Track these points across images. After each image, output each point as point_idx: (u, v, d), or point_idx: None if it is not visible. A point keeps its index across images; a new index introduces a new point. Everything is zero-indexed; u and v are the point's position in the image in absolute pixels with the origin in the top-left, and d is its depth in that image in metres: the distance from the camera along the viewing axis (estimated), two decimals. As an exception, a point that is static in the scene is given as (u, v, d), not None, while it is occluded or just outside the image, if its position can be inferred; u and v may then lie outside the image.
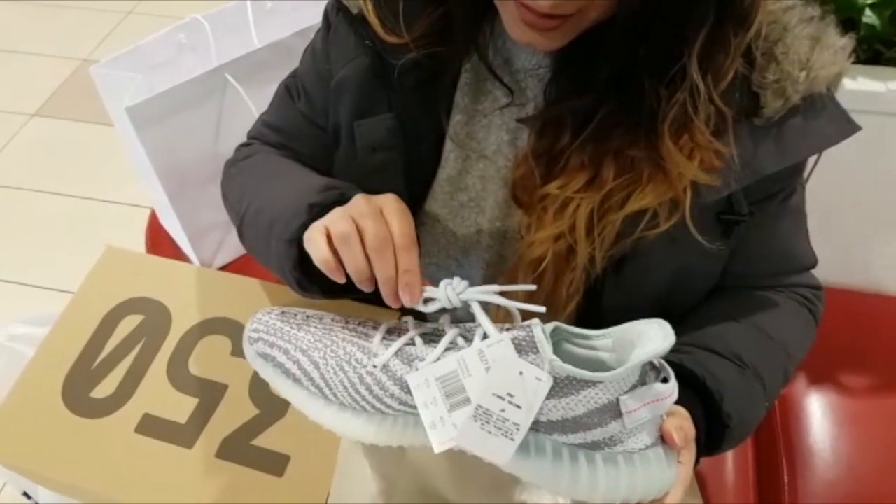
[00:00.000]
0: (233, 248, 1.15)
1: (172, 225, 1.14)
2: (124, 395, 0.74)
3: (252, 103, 1.02)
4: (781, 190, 0.67)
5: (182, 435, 0.71)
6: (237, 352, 0.76)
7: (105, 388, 0.74)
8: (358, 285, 0.55)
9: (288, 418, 0.71)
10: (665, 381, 0.50)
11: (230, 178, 0.81)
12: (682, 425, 0.53)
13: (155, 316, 0.79)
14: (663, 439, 0.52)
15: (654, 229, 0.62)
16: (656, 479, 0.50)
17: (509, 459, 0.48)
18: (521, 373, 0.48)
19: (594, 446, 0.50)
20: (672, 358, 0.61)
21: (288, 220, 0.62)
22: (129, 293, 0.81)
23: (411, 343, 0.54)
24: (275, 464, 0.69)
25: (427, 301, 0.54)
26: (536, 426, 0.49)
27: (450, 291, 0.53)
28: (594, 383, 0.48)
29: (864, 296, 1.16)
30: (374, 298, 0.57)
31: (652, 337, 0.49)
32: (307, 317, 0.59)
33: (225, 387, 0.74)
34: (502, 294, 0.53)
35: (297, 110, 0.77)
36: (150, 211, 1.24)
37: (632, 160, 0.61)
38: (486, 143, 0.69)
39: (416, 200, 0.71)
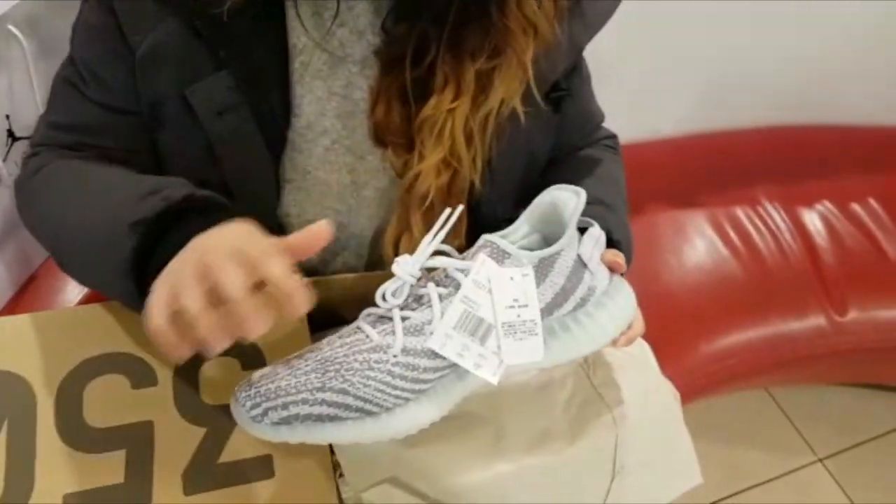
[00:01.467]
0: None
1: None
2: (22, 487, 0.58)
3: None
4: (578, 63, 0.78)
5: (130, 493, 0.58)
6: (138, 383, 0.64)
7: (-9, 492, 0.57)
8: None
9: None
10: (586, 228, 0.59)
11: (28, 203, 0.68)
12: (615, 253, 0.63)
13: (3, 388, 0.62)
14: (611, 271, 0.61)
15: (515, 123, 0.67)
16: (628, 302, 0.60)
17: (540, 354, 0.54)
18: (511, 278, 0.53)
19: (583, 302, 0.58)
20: None
21: (113, 246, 0.55)
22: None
23: (406, 318, 0.54)
24: (259, 469, 0.61)
25: (391, 294, 0.54)
26: (541, 315, 0.54)
27: (403, 269, 0.53)
28: (558, 252, 0.55)
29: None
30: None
31: (567, 199, 0.57)
32: (288, 364, 0.54)
33: (149, 423, 0.62)
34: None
35: (89, 101, 0.67)
36: None
37: (487, 54, 0.65)
38: (333, 80, 0.67)
39: (276, 156, 0.68)
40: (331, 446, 0.63)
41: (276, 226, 0.71)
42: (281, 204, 0.71)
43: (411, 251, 0.70)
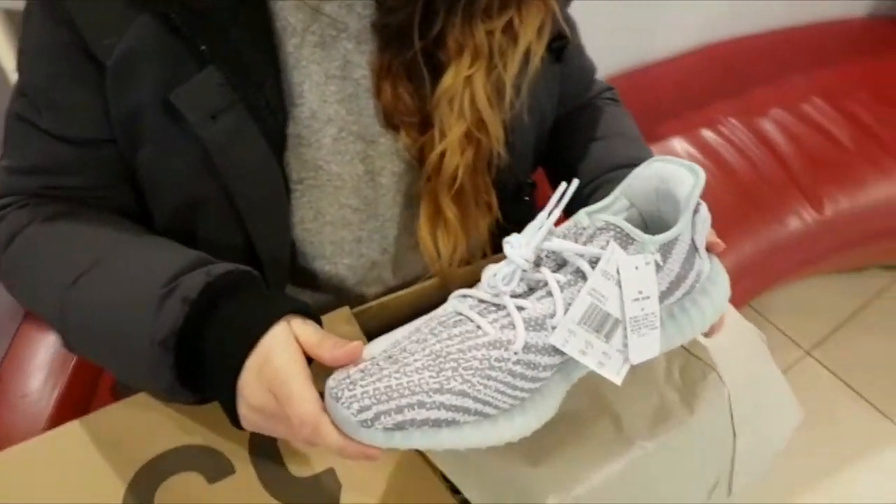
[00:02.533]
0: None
1: None
2: None
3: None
4: (564, 8, 0.73)
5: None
6: (214, 476, 0.55)
7: None
8: None
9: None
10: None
11: (11, 284, 0.61)
12: (712, 233, 0.58)
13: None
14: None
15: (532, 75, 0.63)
16: (726, 286, 0.56)
17: (658, 350, 0.50)
18: (636, 267, 0.48)
19: (690, 290, 0.53)
20: (609, 190, 0.65)
21: (148, 367, 0.51)
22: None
23: (521, 308, 0.49)
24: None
25: (502, 280, 0.49)
26: None
27: (517, 252, 0.49)
28: (677, 237, 0.50)
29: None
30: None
31: (680, 176, 0.52)
32: (390, 358, 0.48)
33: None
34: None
35: (49, 136, 0.58)
36: None
37: (500, 8, 0.59)
38: (329, 61, 0.60)
39: (279, 153, 0.60)
40: (451, 485, 0.56)
41: (288, 235, 0.64)
42: (294, 209, 0.63)
43: (452, 242, 0.64)
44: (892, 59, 1.57)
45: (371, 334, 0.62)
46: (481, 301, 0.50)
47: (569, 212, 0.53)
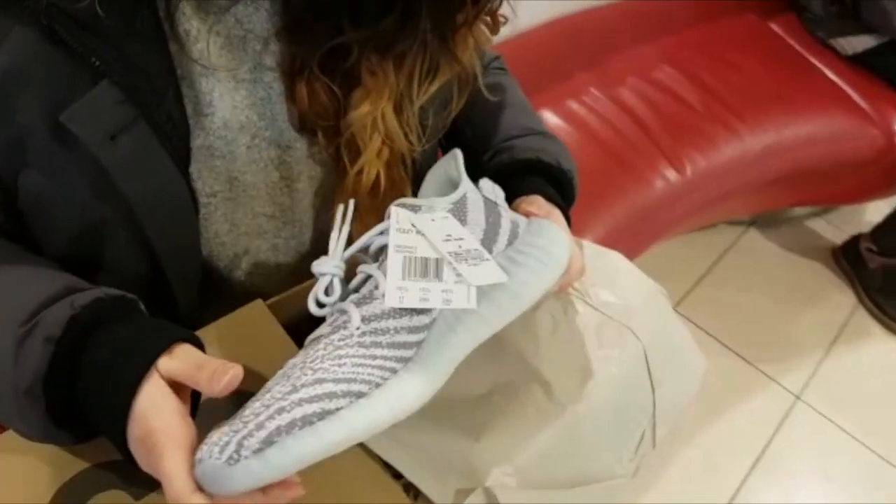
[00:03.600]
0: None
1: None
2: None
3: None
4: None
5: None
6: (140, 492, 0.50)
7: None
8: None
9: None
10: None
11: None
12: (528, 202, 0.62)
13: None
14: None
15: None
16: (560, 237, 0.57)
17: (504, 276, 0.50)
18: (432, 219, 0.50)
19: (514, 235, 0.55)
20: (504, 158, 0.68)
21: (18, 415, 0.47)
22: None
23: (346, 296, 0.49)
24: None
25: (323, 293, 0.48)
26: None
27: (325, 264, 0.49)
28: (464, 195, 0.53)
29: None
30: None
31: (449, 163, 0.57)
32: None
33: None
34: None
35: None
36: None
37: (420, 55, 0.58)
38: (237, 64, 0.56)
39: (184, 168, 0.56)
40: (393, 470, 0.55)
41: (198, 253, 0.60)
42: (208, 224, 0.59)
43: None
44: (726, 19, 1.69)
45: (290, 325, 0.59)
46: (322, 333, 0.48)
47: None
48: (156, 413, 0.43)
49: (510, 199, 0.61)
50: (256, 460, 0.40)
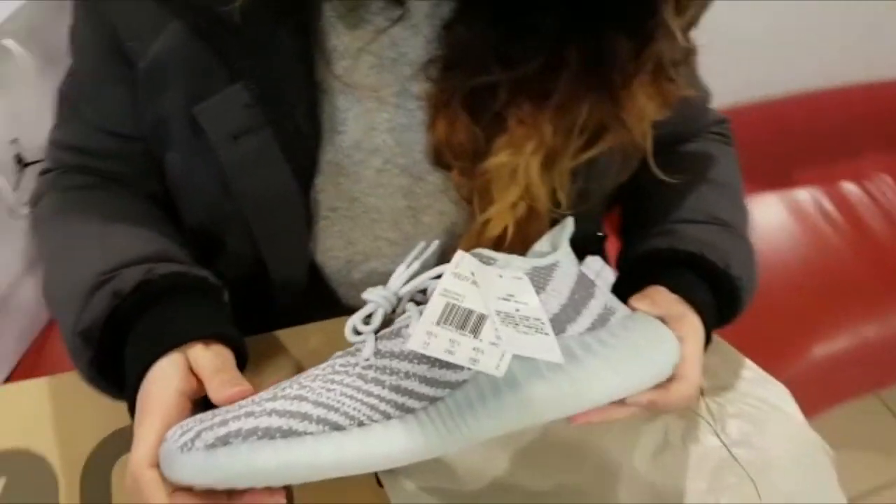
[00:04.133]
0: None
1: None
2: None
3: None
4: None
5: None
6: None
7: None
8: None
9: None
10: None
11: (34, 231, 0.63)
12: (647, 294, 0.53)
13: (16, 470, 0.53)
14: None
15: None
16: (663, 336, 0.49)
17: (559, 355, 0.42)
18: (500, 276, 0.45)
19: (603, 320, 0.48)
20: (661, 243, 0.59)
21: (74, 352, 0.50)
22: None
23: (377, 331, 0.46)
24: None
25: (361, 321, 0.46)
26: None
27: (377, 293, 0.47)
28: (555, 264, 0.48)
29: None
30: None
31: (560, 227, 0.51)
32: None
33: None
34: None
35: (88, 122, 0.60)
36: None
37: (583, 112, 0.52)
38: (384, 86, 0.55)
39: (307, 183, 0.57)
40: None
41: (305, 262, 0.61)
42: (323, 237, 0.60)
43: None
44: None
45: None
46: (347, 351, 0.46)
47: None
48: (161, 384, 0.45)
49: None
50: (204, 455, 0.39)
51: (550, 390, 0.44)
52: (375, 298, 0.46)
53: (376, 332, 0.45)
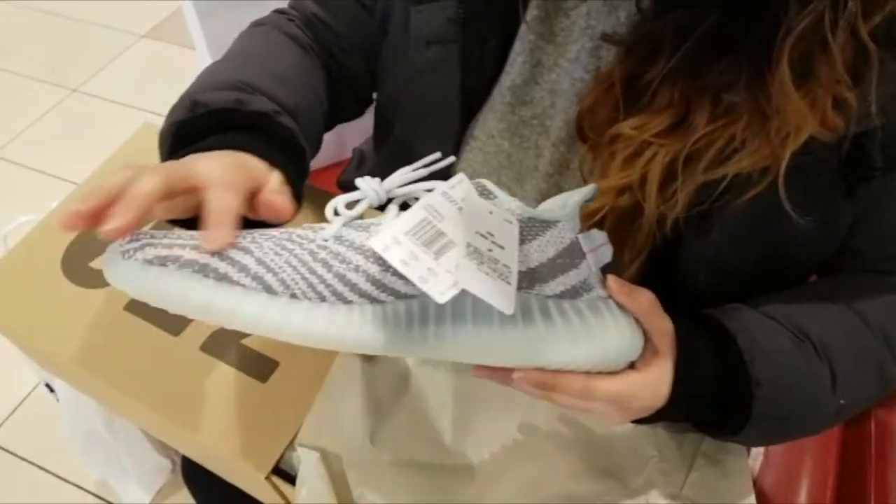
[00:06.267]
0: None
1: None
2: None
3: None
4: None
5: (170, 321, 0.66)
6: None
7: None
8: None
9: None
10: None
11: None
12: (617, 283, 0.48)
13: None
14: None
15: (744, 193, 0.50)
16: (626, 334, 0.47)
17: (510, 308, 0.41)
18: (490, 212, 0.43)
19: (574, 292, 0.46)
20: (710, 312, 0.53)
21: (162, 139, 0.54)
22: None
23: (357, 218, 0.46)
24: (260, 368, 0.64)
25: (349, 205, 0.45)
26: (519, 283, 0.43)
27: (368, 183, 0.46)
28: (553, 223, 0.45)
29: None
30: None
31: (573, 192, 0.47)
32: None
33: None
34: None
35: None
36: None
37: (729, 108, 0.49)
38: (563, 49, 0.58)
39: (469, 110, 0.62)
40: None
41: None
42: (460, 162, 0.65)
43: None
44: None
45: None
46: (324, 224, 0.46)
47: None
48: (207, 159, 0.47)
49: None
50: (138, 267, 0.40)
51: (491, 336, 0.43)
52: (366, 189, 0.46)
53: (353, 219, 0.45)
